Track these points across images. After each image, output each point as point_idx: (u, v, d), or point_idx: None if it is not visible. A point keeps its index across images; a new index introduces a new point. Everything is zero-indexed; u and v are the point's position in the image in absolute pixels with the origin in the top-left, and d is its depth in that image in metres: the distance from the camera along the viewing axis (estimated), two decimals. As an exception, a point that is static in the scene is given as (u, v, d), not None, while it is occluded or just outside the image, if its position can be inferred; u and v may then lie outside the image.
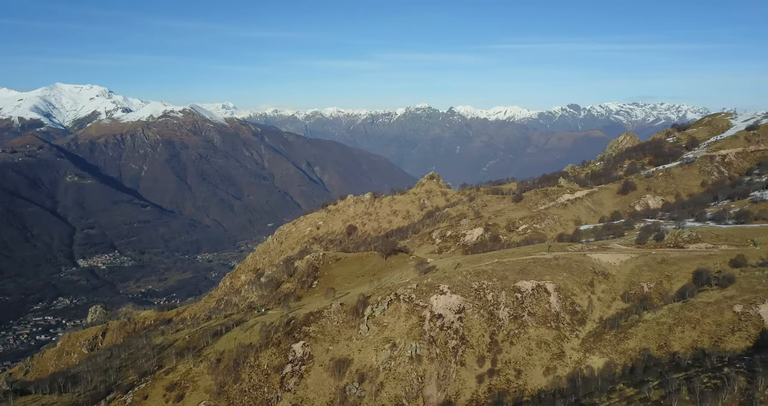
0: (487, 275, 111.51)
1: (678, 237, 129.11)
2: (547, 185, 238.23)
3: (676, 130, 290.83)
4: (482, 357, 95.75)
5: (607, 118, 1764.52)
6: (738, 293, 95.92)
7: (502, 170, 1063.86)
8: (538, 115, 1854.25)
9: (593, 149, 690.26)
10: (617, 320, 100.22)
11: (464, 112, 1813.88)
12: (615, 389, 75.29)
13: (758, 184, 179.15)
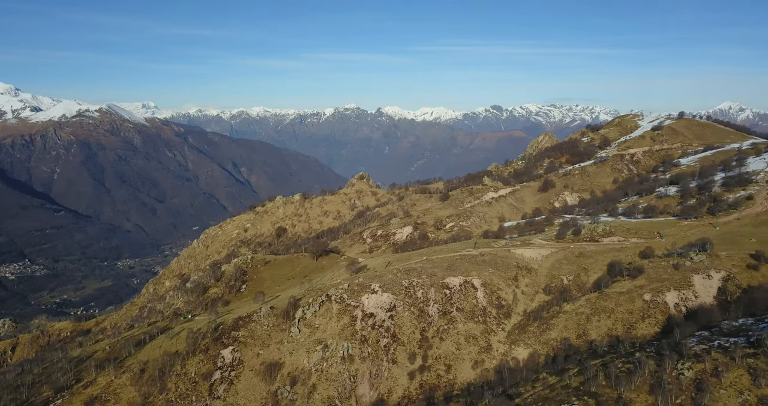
0: (417, 272, 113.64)
1: (593, 231, 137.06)
2: (473, 184, 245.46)
3: (590, 130, 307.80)
4: (413, 354, 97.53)
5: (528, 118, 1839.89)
6: (647, 283, 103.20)
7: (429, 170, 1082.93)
8: (463, 116, 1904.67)
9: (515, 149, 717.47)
10: (540, 312, 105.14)
11: (392, 112, 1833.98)
12: (539, 379, 78.98)
13: (663, 181, 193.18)
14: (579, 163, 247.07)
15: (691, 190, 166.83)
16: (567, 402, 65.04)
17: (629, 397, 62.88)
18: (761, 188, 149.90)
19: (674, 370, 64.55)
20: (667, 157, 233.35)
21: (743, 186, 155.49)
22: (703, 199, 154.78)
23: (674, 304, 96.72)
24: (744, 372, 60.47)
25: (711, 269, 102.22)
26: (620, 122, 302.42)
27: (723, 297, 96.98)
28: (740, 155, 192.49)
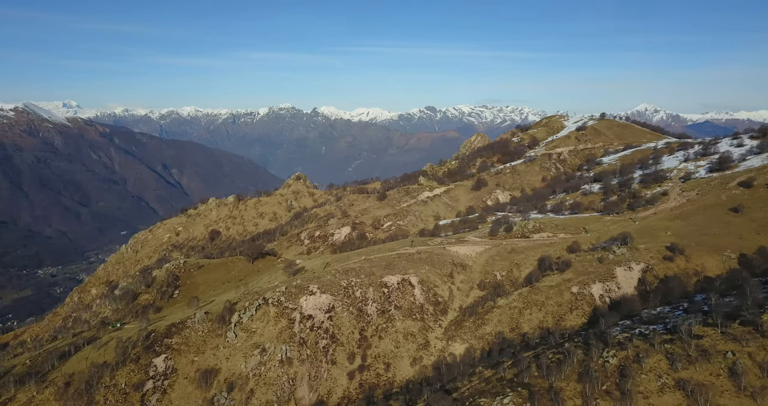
0: (356, 272, 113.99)
1: (524, 228, 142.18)
2: (409, 184, 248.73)
3: (519, 130, 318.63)
4: (352, 354, 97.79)
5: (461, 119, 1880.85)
6: (574, 276, 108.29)
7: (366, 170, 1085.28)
8: (399, 116, 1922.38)
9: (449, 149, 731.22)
10: (475, 307, 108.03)
11: (328, 113, 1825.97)
12: (475, 373, 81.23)
13: (587, 179, 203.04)
14: (510, 163, 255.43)
15: (612, 187, 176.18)
16: (502, 394, 67.26)
17: (560, 386, 65.81)
18: (674, 185, 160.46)
19: (600, 358, 68.14)
20: (591, 156, 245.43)
21: (659, 183, 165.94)
22: (624, 196, 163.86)
23: (599, 295, 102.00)
24: (662, 357, 64.61)
25: (632, 261, 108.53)
26: (548, 123, 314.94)
27: (643, 287, 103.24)
28: (656, 154, 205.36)
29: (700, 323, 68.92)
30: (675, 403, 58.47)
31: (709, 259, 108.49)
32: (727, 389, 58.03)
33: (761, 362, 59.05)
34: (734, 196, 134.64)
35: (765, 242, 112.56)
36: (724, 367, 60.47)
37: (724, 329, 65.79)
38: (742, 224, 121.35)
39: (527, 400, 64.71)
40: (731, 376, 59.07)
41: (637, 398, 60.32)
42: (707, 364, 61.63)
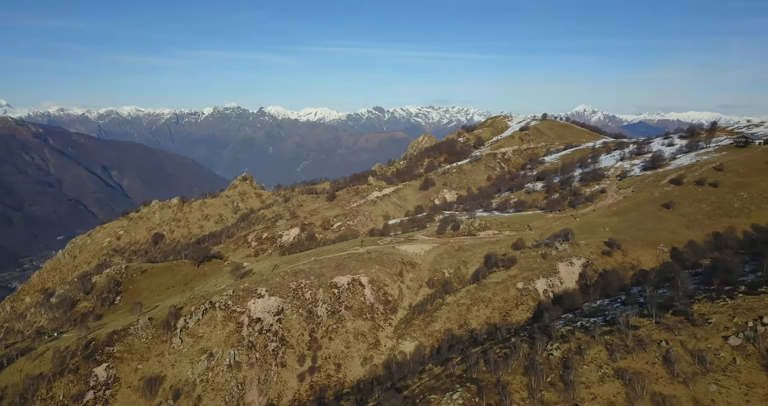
0: (305, 273, 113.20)
1: (471, 226, 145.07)
2: (358, 184, 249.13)
3: (465, 131, 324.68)
4: (303, 356, 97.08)
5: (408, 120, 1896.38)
6: (519, 272, 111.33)
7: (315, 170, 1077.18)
8: (347, 116, 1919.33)
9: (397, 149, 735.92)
10: (424, 305, 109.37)
11: (275, 112, 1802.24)
12: (425, 370, 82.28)
13: (530, 177, 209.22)
14: (456, 162, 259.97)
15: (554, 185, 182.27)
16: (451, 390, 68.43)
17: (507, 380, 67.57)
18: (612, 182, 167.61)
19: (545, 351, 70.39)
20: (534, 155, 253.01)
21: (597, 181, 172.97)
22: (565, 194, 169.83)
23: (543, 290, 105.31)
24: (602, 348, 67.39)
25: (573, 256, 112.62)
26: (492, 123, 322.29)
27: (584, 281, 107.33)
28: (594, 153, 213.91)
29: (636, 315, 72.26)
30: (614, 392, 61.08)
31: (644, 253, 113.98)
32: (662, 376, 61.10)
33: (692, 349, 62.48)
34: (666, 193, 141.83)
35: (694, 236, 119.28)
36: (658, 355, 63.64)
37: (659, 319, 69.22)
38: (673, 219, 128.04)
39: (476, 395, 66.11)
40: (665, 364, 62.23)
41: (580, 388, 62.67)
42: (643, 353, 64.71)
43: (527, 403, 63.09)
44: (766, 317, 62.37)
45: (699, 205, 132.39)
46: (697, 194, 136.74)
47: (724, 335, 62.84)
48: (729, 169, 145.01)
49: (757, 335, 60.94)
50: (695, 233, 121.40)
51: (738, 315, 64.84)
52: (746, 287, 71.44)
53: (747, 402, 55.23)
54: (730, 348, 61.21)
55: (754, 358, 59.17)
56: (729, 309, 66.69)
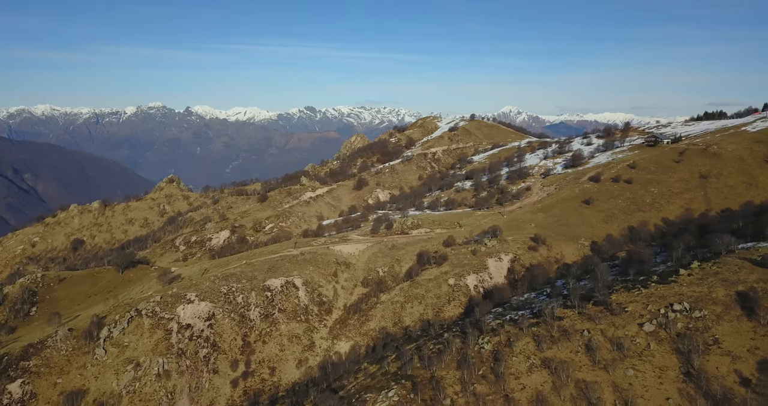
0: (236, 277, 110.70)
1: (404, 225, 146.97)
2: (291, 184, 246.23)
3: (397, 131, 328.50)
4: (236, 361, 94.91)
5: (340, 120, 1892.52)
6: (451, 269, 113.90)
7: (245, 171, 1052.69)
8: (278, 116, 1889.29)
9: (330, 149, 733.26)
10: (359, 304, 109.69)
11: (203, 112, 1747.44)
12: (361, 369, 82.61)
13: (460, 177, 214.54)
14: (389, 162, 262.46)
15: (483, 184, 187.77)
16: (387, 388, 69.16)
17: (440, 374, 69.10)
18: (536, 180, 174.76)
19: (476, 345, 72.51)
20: (463, 155, 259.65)
21: (523, 179, 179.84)
22: (493, 192, 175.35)
23: (474, 285, 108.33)
24: (530, 340, 70.25)
25: (501, 252, 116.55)
26: (423, 124, 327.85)
27: (512, 276, 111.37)
28: (520, 152, 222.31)
29: (561, 306, 75.84)
30: (542, 381, 63.88)
31: (567, 247, 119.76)
32: (585, 364, 64.50)
33: (611, 337, 66.35)
34: (586, 190, 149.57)
35: (611, 230, 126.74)
36: (581, 344, 67.13)
37: (581, 309, 73.01)
38: (593, 215, 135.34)
39: (411, 391, 67.17)
40: (587, 352, 65.74)
41: (510, 379, 65.09)
42: (568, 342, 68.05)
43: (460, 397, 64.80)
44: (677, 304, 67.24)
45: (615, 201, 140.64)
46: (614, 191, 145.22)
47: (639, 323, 67.16)
48: (641, 167, 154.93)
49: (668, 321, 65.56)
50: (612, 227, 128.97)
51: (651, 303, 69.48)
52: (658, 277, 76.63)
53: (660, 384, 59.28)
54: (644, 334, 65.50)
55: (666, 342, 63.61)
56: (643, 298, 71.32)
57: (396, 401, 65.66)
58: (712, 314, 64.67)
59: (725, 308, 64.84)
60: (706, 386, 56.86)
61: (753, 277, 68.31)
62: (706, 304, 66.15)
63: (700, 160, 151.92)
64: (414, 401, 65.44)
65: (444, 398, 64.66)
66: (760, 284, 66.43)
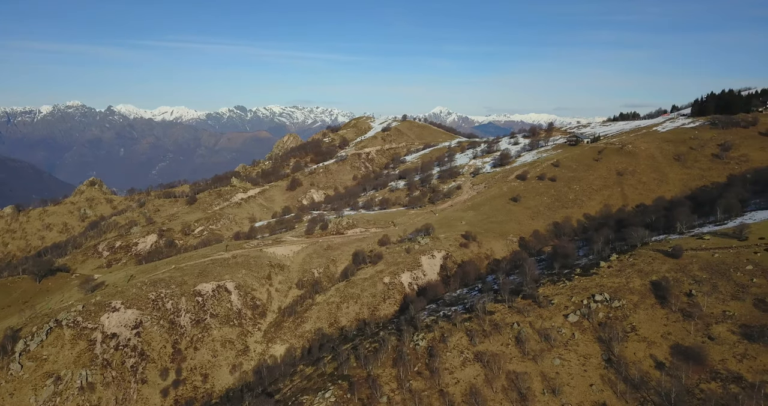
0: (165, 282, 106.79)
1: (339, 225, 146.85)
2: (221, 185, 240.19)
3: (330, 131, 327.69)
4: (166, 369, 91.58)
5: (272, 119, 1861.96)
6: (386, 267, 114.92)
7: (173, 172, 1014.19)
8: (207, 116, 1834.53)
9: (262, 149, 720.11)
10: (294, 306, 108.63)
11: (126, 111, 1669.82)
12: (297, 371, 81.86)
13: (393, 176, 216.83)
14: (323, 162, 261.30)
15: (415, 183, 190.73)
16: (323, 389, 68.94)
17: (377, 373, 69.64)
18: (466, 179, 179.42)
19: (411, 342, 73.59)
20: (396, 154, 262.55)
21: (454, 178, 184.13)
22: (426, 191, 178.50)
23: (408, 283, 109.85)
24: (463, 335, 72.07)
25: (434, 250, 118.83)
26: (356, 124, 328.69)
27: (444, 273, 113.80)
28: (450, 152, 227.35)
29: (492, 301, 78.31)
30: (475, 374, 65.71)
31: (496, 243, 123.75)
32: (515, 355, 66.93)
33: (539, 329, 69.22)
34: (513, 187, 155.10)
35: (538, 226, 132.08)
36: (511, 337, 69.62)
37: (510, 303, 75.70)
38: (520, 212, 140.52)
39: (348, 391, 67.32)
40: (517, 344, 68.25)
41: (444, 374, 66.53)
42: (499, 336, 70.37)
43: (397, 394, 65.60)
44: (598, 295, 71.09)
45: (541, 198, 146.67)
46: (539, 188, 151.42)
47: (564, 314, 70.49)
48: (564, 166, 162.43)
49: (590, 312, 69.21)
50: (539, 223, 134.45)
51: (575, 295, 73.09)
52: (581, 270, 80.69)
53: (584, 371, 62.47)
54: (569, 325, 68.82)
55: (589, 332, 67.12)
56: (568, 290, 74.91)
57: (333, 402, 65.62)
58: (630, 303, 68.83)
59: (641, 297, 69.20)
60: (625, 371, 60.43)
61: (665, 267, 73.27)
62: (625, 294, 70.34)
63: (617, 158, 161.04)
64: (351, 401, 65.64)
65: (381, 396, 65.23)
66: (671, 273, 71.40)
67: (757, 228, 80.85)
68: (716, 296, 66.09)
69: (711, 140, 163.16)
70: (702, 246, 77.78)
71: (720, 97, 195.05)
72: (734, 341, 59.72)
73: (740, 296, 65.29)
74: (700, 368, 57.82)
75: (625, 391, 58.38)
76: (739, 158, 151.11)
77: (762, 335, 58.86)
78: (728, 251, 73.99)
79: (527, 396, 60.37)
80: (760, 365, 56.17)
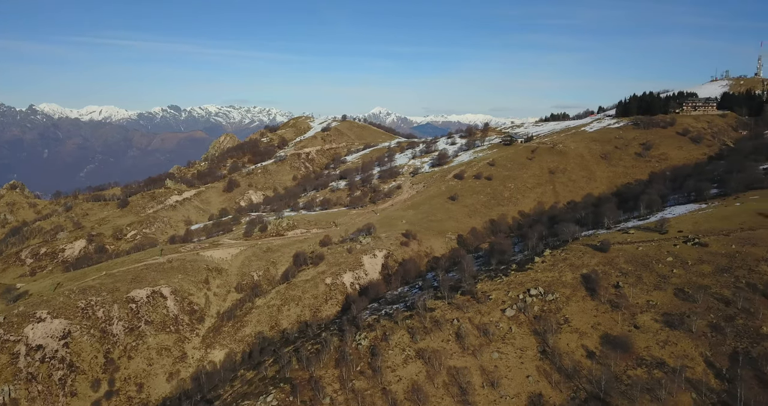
0: (96, 290, 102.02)
1: (279, 226, 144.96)
2: (155, 188, 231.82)
3: (269, 131, 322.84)
4: (97, 380, 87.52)
5: (208, 119, 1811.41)
6: (328, 268, 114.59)
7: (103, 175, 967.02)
8: (138, 115, 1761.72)
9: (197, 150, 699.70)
10: (233, 311, 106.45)
11: (50, 111, 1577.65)
12: (237, 377, 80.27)
13: (334, 176, 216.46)
14: (261, 163, 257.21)
15: (356, 183, 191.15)
16: (265, 393, 67.97)
17: (319, 374, 69.34)
18: (406, 179, 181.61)
19: (354, 342, 73.72)
20: (336, 155, 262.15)
21: (394, 177, 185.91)
22: (366, 191, 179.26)
23: (350, 283, 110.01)
24: (405, 332, 72.91)
25: (376, 249, 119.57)
26: (295, 123, 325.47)
27: (386, 271, 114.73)
28: (390, 152, 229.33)
29: (432, 298, 79.67)
30: (417, 371, 66.64)
31: (436, 241, 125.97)
32: (455, 351, 68.37)
33: (478, 324, 71.04)
34: (451, 186, 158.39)
35: (475, 224, 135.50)
36: (452, 333, 71.06)
37: (450, 300, 77.26)
38: (458, 210, 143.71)
39: (290, 394, 66.69)
40: (457, 339, 69.75)
41: (387, 372, 67.08)
42: (439, 332, 71.66)
43: (340, 394, 65.60)
44: (533, 289, 73.73)
45: (478, 196, 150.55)
46: (476, 187, 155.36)
47: (502, 308, 72.66)
48: (499, 165, 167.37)
49: (526, 306, 71.68)
50: (476, 220, 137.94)
51: (512, 290, 75.50)
52: (517, 265, 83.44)
53: (521, 363, 64.67)
54: (507, 319, 71.02)
55: (525, 325, 69.52)
56: (505, 285, 77.27)
57: None
58: (563, 296, 71.83)
59: (573, 290, 72.38)
60: (559, 361, 63.04)
61: (594, 261, 76.97)
62: (558, 287, 73.33)
63: (549, 157, 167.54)
64: (293, 404, 65.09)
65: (323, 398, 65.03)
66: (600, 266, 75.09)
67: (676, 222, 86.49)
68: (641, 287, 70.06)
69: (634, 140, 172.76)
70: (627, 240, 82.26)
71: (641, 99, 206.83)
72: (657, 329, 63.51)
73: (662, 286, 69.53)
74: (627, 355, 61.15)
75: (559, 381, 60.90)
76: (659, 157, 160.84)
77: (682, 323, 62.94)
78: (651, 244, 78.63)
79: (467, 390, 61.84)
80: (681, 350, 60.00)
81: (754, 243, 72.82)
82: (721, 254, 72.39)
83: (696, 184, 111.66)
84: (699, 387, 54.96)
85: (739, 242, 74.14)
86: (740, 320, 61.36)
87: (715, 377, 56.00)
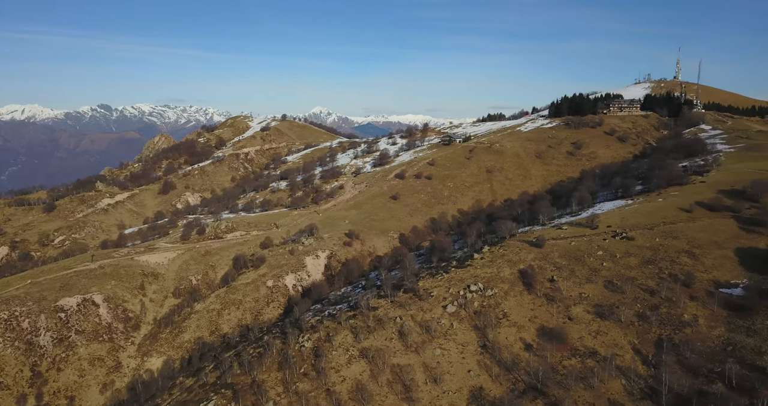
0: (20, 299, 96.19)
1: (217, 229, 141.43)
2: (84, 191, 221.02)
3: (206, 131, 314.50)
4: (24, 395, 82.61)
5: (141, 119, 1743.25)
6: (269, 270, 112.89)
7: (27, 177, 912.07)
8: (66, 115, 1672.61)
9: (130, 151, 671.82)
10: (171, 316, 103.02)
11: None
12: (176, 384, 77.82)
13: (275, 177, 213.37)
14: (198, 164, 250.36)
15: (298, 183, 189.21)
16: (205, 399, 66.32)
17: (262, 378, 68.27)
18: (348, 179, 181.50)
19: (297, 344, 73.04)
20: (277, 155, 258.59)
21: (336, 178, 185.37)
22: (308, 191, 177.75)
23: (293, 285, 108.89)
24: (348, 332, 72.91)
25: (318, 250, 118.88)
26: (233, 123, 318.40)
27: (329, 272, 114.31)
28: (332, 152, 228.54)
29: (375, 297, 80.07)
30: (360, 370, 66.79)
31: (378, 240, 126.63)
32: (399, 349, 69.01)
33: (421, 321, 72.00)
34: (393, 186, 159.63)
35: (416, 223, 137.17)
36: (395, 331, 71.68)
37: (393, 298, 77.92)
38: (399, 209, 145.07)
39: (232, 400, 65.36)
40: (401, 337, 70.42)
41: (330, 373, 66.87)
42: (383, 330, 72.11)
43: (283, 397, 64.85)
44: (473, 285, 75.45)
45: (419, 195, 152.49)
46: (417, 186, 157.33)
47: (443, 305, 73.96)
48: (439, 164, 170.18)
49: (467, 302, 73.29)
50: (417, 219, 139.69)
51: (452, 286, 76.99)
52: (457, 262, 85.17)
53: (463, 358, 66.04)
54: (448, 315, 72.34)
55: (466, 321, 71.06)
56: (446, 282, 78.69)
57: (216, 412, 63.37)
58: (501, 291, 73.92)
59: (511, 285, 74.63)
60: (498, 355, 64.83)
61: (530, 256, 79.67)
62: (496, 283, 75.41)
63: (486, 156, 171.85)
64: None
65: (266, 402, 64.11)
66: (536, 261, 77.80)
67: (605, 217, 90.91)
68: (574, 280, 73.17)
69: (566, 139, 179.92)
70: (561, 236, 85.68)
71: (572, 100, 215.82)
72: (589, 320, 66.52)
73: (593, 278, 72.88)
74: (562, 346, 63.70)
75: (499, 374, 62.64)
76: (589, 155, 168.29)
77: (611, 313, 66.24)
78: (582, 239, 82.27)
79: (411, 387, 62.57)
80: (611, 339, 63.10)
81: (675, 236, 77.66)
82: (646, 247, 76.73)
83: (623, 181, 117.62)
84: (628, 374, 57.95)
85: (662, 235, 78.86)
86: (664, 308, 65.20)
87: (642, 363, 59.22)
